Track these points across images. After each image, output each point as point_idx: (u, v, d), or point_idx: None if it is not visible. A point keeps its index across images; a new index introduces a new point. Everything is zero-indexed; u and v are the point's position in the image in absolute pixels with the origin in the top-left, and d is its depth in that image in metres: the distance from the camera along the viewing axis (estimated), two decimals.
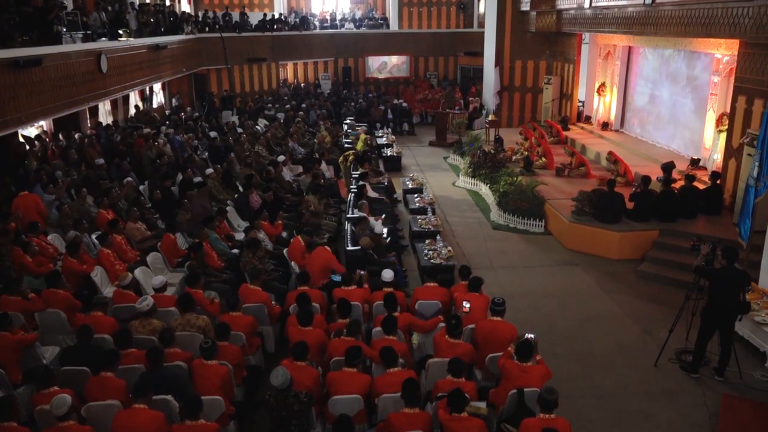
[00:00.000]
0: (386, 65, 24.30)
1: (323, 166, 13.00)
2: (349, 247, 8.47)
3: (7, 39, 9.20)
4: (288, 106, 19.95)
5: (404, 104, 21.17)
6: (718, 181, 9.89)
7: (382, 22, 25.24)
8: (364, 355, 5.29)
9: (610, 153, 12.27)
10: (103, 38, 12.62)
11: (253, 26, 21.31)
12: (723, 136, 10.49)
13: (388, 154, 15.31)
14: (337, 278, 8.54)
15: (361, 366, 5.23)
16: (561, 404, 4.51)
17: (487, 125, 17.26)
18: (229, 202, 10.61)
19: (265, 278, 7.31)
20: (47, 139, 13.42)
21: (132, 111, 17.92)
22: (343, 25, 24.50)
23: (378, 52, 24.00)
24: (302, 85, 23.77)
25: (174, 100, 20.58)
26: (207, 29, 19.87)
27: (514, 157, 13.95)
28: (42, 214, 8.95)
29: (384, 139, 16.71)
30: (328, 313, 6.81)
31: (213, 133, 15.29)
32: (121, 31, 13.39)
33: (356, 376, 5.11)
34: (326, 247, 7.91)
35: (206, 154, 13.98)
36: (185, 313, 6.16)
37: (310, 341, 5.47)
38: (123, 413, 4.61)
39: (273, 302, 6.99)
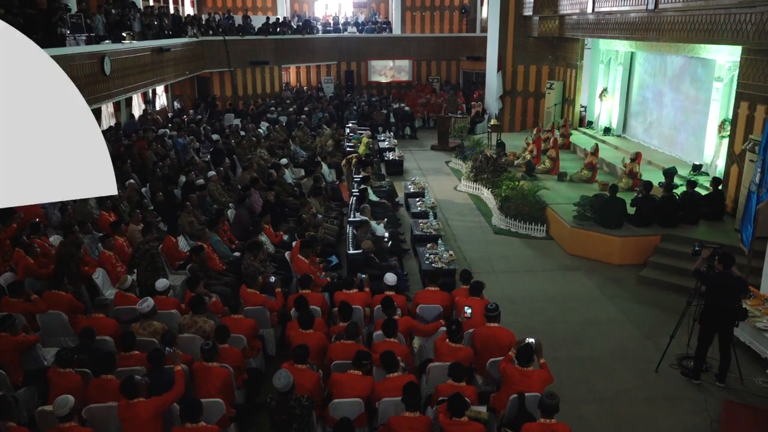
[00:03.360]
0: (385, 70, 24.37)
1: (325, 169, 13.00)
2: (351, 251, 8.48)
3: None
4: (290, 109, 19.98)
5: (406, 108, 21.19)
6: (720, 187, 9.89)
7: (384, 26, 25.29)
8: (373, 361, 5.29)
9: (638, 154, 11.84)
10: (107, 41, 12.65)
11: (256, 29, 21.35)
12: (725, 141, 10.49)
13: (390, 157, 15.32)
14: (334, 260, 8.60)
15: (366, 369, 5.23)
16: (562, 409, 4.51)
17: (489, 129, 17.28)
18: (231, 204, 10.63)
19: (264, 281, 7.30)
20: None
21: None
22: (345, 29, 24.55)
23: (380, 56, 24.04)
24: (305, 88, 23.82)
25: (176, 103, 20.63)
26: (210, 32, 19.92)
27: (516, 162, 13.95)
28: (41, 216, 8.97)
29: (386, 142, 16.73)
30: (329, 316, 6.81)
31: (215, 136, 15.32)
32: (124, 34, 13.44)
33: (360, 378, 5.11)
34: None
35: (208, 156, 14.01)
36: (195, 314, 6.20)
37: (310, 344, 5.47)
38: (123, 403, 4.68)
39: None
